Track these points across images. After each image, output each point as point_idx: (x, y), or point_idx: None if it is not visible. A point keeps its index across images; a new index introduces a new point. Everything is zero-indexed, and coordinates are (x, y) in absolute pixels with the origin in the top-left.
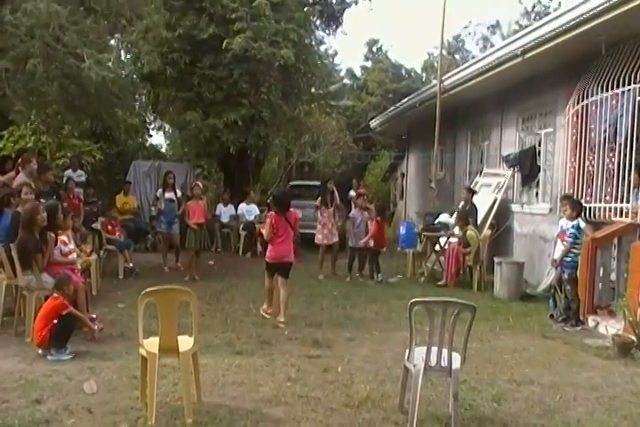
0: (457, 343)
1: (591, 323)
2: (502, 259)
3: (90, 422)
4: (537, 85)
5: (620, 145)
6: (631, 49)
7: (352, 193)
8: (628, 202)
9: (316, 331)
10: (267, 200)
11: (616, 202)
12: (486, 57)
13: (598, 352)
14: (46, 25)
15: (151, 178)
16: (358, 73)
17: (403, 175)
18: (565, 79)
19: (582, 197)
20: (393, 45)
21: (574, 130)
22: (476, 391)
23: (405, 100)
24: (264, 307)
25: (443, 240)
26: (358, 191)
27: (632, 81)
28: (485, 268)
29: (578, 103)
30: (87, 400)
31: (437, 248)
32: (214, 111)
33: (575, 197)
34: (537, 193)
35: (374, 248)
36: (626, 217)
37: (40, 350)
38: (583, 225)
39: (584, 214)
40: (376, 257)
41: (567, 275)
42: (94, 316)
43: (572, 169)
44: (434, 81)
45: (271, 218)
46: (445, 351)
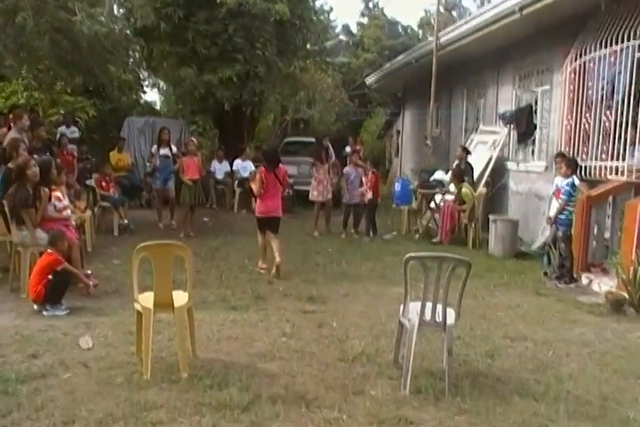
0: (451, 299)
1: (584, 280)
2: (497, 217)
3: (86, 376)
4: (535, 43)
5: (618, 103)
6: (630, 5)
7: (348, 150)
8: (624, 160)
9: (311, 287)
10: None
11: (612, 160)
12: (484, 13)
13: (591, 309)
14: None
15: (145, 134)
16: (354, 29)
17: (398, 132)
18: (563, 36)
19: (578, 155)
20: (390, 1)
21: (571, 87)
22: (470, 347)
23: (401, 56)
24: (259, 264)
25: (438, 197)
26: (353, 148)
27: (631, 37)
28: (480, 225)
29: (575, 60)
30: (83, 355)
31: (432, 205)
32: (209, 67)
33: (571, 155)
34: (533, 151)
35: (370, 202)
36: (621, 175)
37: (35, 306)
38: (578, 183)
39: (579, 172)
40: (373, 213)
41: (561, 233)
42: (89, 272)
43: (569, 127)
44: (430, 38)
45: (261, 174)
46: (440, 307)
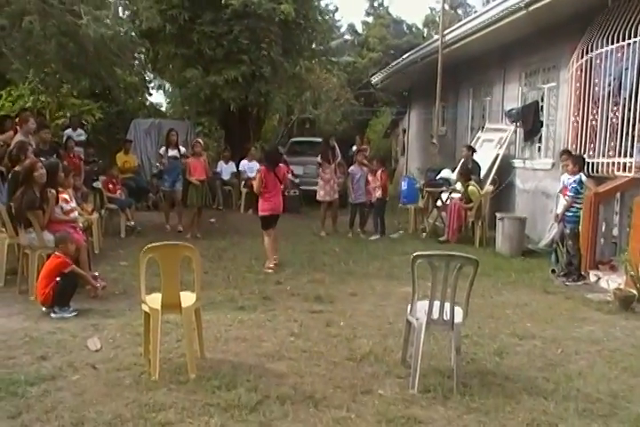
0: (459, 298)
1: (593, 278)
2: (504, 215)
3: (94, 378)
4: (541, 40)
5: (625, 99)
6: (637, 1)
7: (355, 149)
8: (632, 156)
9: (319, 287)
10: None
11: (619, 157)
12: (489, 10)
13: (600, 307)
14: None
15: (151, 136)
16: (359, 29)
17: (404, 131)
18: (570, 33)
19: (585, 152)
20: (394, 0)
21: (578, 84)
22: (479, 345)
23: (407, 55)
24: (267, 264)
25: (444, 196)
26: (358, 147)
27: (638, 33)
28: (487, 224)
29: (582, 57)
30: (91, 357)
31: (439, 204)
32: (214, 68)
33: (577, 152)
34: (539, 148)
35: (379, 201)
36: (629, 172)
37: (44, 308)
38: (585, 180)
39: (586, 169)
40: (382, 211)
41: (569, 230)
42: (97, 274)
43: (575, 124)
44: (435, 36)
45: (261, 173)
46: (448, 305)
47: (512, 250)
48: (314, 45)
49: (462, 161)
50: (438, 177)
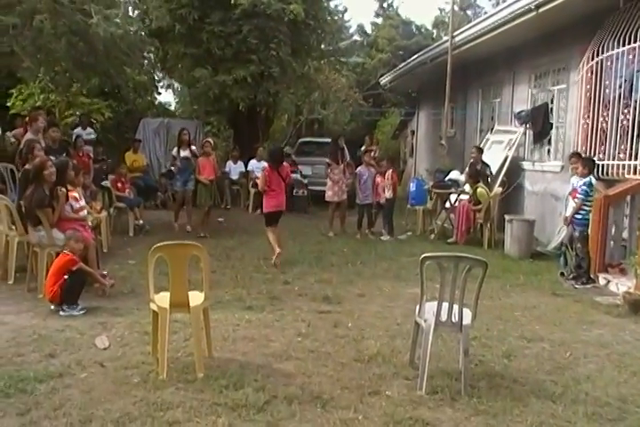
0: (467, 300)
1: (602, 281)
2: (513, 217)
3: (102, 376)
4: (551, 41)
5: (636, 101)
6: None
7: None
8: None
9: (326, 287)
10: None
11: (630, 159)
12: (499, 11)
13: (609, 310)
14: None
15: (160, 136)
16: (369, 30)
17: (413, 133)
18: (580, 35)
19: (595, 155)
20: (404, 1)
21: (588, 86)
22: (487, 348)
23: (416, 56)
24: (274, 258)
25: (453, 197)
26: (366, 148)
27: None
28: (496, 226)
29: (593, 59)
30: (99, 355)
31: (448, 205)
32: (223, 68)
33: (587, 155)
34: (549, 150)
35: (388, 201)
36: (639, 174)
37: (52, 306)
38: (595, 182)
39: (596, 172)
40: (391, 212)
41: (578, 233)
42: (105, 272)
43: (585, 126)
44: (445, 37)
45: (265, 171)
46: (456, 307)
47: (521, 252)
48: (323, 46)
49: (471, 162)
50: (447, 178)
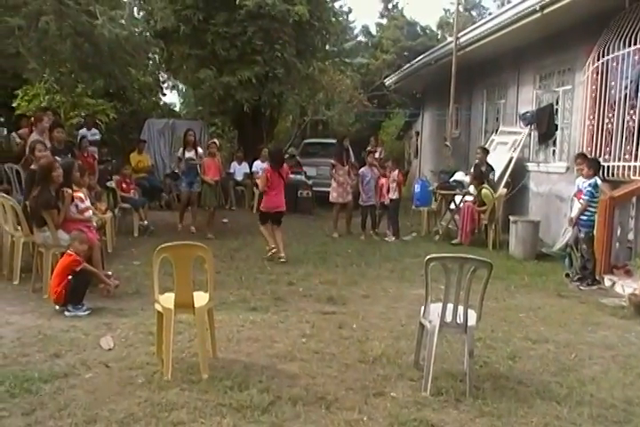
0: (472, 301)
1: (607, 282)
2: (518, 218)
3: (107, 376)
4: (556, 42)
5: None
6: None
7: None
8: None
9: (331, 288)
10: None
11: (635, 160)
12: (504, 12)
13: (614, 311)
14: None
15: (165, 136)
16: (373, 30)
17: (417, 134)
18: (586, 36)
19: (600, 156)
20: (409, 2)
21: (594, 87)
22: (492, 349)
23: (421, 57)
24: (269, 247)
25: (458, 198)
26: (369, 149)
27: None
28: (501, 227)
29: (598, 60)
30: (104, 355)
31: (452, 207)
32: (228, 69)
33: (592, 156)
34: (554, 152)
35: (394, 202)
36: None
37: (57, 307)
38: (600, 183)
39: (602, 173)
40: (396, 212)
41: (584, 234)
42: (110, 273)
43: (591, 127)
44: (449, 38)
45: (266, 172)
46: (461, 308)
47: (525, 253)
48: (327, 47)
49: (476, 163)
50: (452, 179)
